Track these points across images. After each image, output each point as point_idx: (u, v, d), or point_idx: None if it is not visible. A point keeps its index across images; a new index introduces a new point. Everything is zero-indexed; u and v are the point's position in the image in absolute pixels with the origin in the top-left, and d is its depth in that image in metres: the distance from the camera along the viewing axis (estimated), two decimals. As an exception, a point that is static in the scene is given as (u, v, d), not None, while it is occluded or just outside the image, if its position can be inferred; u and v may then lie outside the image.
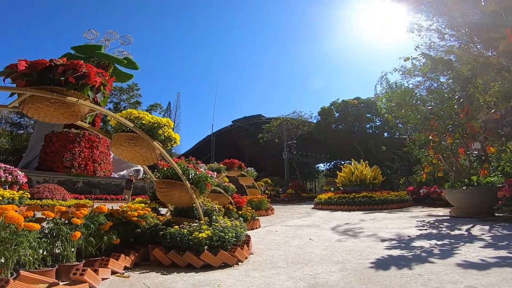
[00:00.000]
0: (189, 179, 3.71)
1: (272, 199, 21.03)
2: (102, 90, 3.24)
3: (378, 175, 13.34)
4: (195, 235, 3.33)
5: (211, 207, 4.15)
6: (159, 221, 4.22)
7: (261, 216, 9.44)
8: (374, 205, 11.27)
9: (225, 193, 6.35)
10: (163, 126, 3.48)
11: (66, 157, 17.09)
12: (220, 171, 8.35)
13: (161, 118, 3.59)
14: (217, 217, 4.07)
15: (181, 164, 3.76)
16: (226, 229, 3.57)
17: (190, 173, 3.71)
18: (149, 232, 3.68)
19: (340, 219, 8.27)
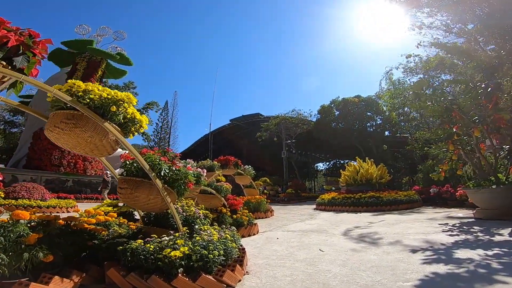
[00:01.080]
0: (161, 177, 2.68)
1: (271, 199, 19.98)
2: (27, 53, 2.27)
3: (385, 173, 12.34)
4: (165, 252, 2.31)
5: (193, 213, 3.11)
6: (129, 230, 3.20)
7: (260, 219, 8.41)
8: (382, 206, 10.26)
9: (217, 194, 5.32)
10: (121, 103, 2.46)
11: (55, 155, 16.01)
12: (213, 168, 7.33)
13: (119, 92, 2.55)
14: (202, 226, 3.04)
15: (150, 156, 2.73)
16: (211, 244, 2.54)
17: (162, 169, 2.67)
18: (105, 246, 2.65)
19: (349, 222, 7.25)
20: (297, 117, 29.62)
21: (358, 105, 28.18)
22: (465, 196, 10.02)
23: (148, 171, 2.55)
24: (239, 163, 8.26)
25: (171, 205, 2.68)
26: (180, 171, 2.83)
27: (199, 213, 3.15)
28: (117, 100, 2.41)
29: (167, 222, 2.93)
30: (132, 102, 2.63)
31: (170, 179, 2.77)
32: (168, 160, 2.88)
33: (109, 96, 2.43)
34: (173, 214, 2.71)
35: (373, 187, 11.78)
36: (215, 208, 5.61)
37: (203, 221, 3.14)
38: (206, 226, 3.00)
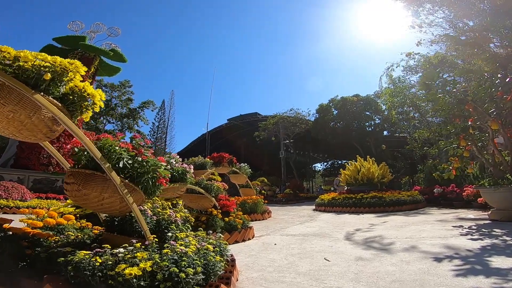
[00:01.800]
0: (119, 170, 2.01)
1: (269, 200, 19.29)
2: None
3: (387, 173, 11.71)
4: (119, 269, 1.65)
5: (167, 218, 2.43)
6: (90, 236, 2.53)
7: (256, 220, 7.74)
8: (385, 207, 9.61)
9: (206, 194, 4.64)
10: (62, 71, 1.79)
11: (43, 153, 15.21)
12: (205, 166, 6.65)
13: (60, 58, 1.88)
14: (179, 233, 2.36)
15: (106, 141, 2.06)
16: (186, 258, 1.87)
17: (120, 159, 2.00)
18: (45, 256, 1.99)
19: (352, 224, 6.59)
20: (295, 116, 28.99)
21: (357, 104, 27.60)
22: (472, 196, 9.42)
23: (100, 160, 1.88)
24: (234, 160, 7.59)
25: (134, 206, 2.01)
26: (148, 162, 2.16)
27: (175, 217, 2.47)
28: (59, 69, 1.74)
29: (131, 227, 2.26)
30: (79, 71, 1.95)
31: (133, 173, 2.10)
32: (133, 148, 2.21)
33: (45, 63, 1.75)
34: (137, 218, 2.04)
35: (375, 187, 11.14)
36: (205, 209, 4.93)
37: (181, 227, 2.47)
38: (185, 233, 2.32)
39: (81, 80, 2.08)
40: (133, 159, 2.12)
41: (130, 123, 30.98)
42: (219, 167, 7.13)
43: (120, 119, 30.77)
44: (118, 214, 2.25)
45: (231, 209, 4.93)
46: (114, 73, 21.77)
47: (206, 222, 4.69)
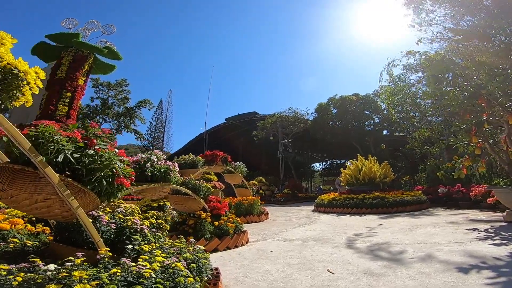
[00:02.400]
0: (59, 165, 1.50)
1: (267, 200, 18.78)
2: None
3: (389, 172, 11.22)
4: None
5: (130, 224, 1.92)
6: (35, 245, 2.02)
7: (253, 223, 7.24)
8: (388, 208, 9.12)
9: (193, 195, 4.13)
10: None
11: (35, 153, 14.72)
12: (196, 165, 6.14)
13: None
14: (145, 244, 1.85)
15: (44, 129, 1.55)
16: (144, 280, 1.37)
17: (60, 152, 1.49)
18: None
19: (356, 227, 6.09)
20: (294, 115, 28.50)
21: (356, 103, 27.13)
22: (480, 196, 8.95)
23: (30, 152, 1.37)
24: (229, 159, 7.07)
25: (80, 212, 1.50)
26: (102, 156, 1.65)
27: (141, 224, 1.96)
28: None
29: (82, 237, 1.75)
30: (4, 43, 1.44)
31: (82, 169, 1.59)
32: (82, 138, 1.71)
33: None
34: (85, 225, 1.53)
35: (377, 187, 10.64)
36: (193, 212, 4.42)
37: (150, 237, 1.95)
38: (148, 246, 1.80)
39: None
40: (82, 152, 1.61)
41: (127, 122, 30.41)
42: (213, 166, 6.62)
43: (117, 118, 30.19)
44: (63, 220, 1.74)
45: (222, 212, 4.41)
46: (109, 71, 21.09)
47: (194, 227, 4.18)
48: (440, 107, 20.62)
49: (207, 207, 4.41)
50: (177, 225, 4.48)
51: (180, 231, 4.29)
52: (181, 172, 6.07)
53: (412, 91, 20.82)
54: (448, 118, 20.11)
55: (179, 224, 4.46)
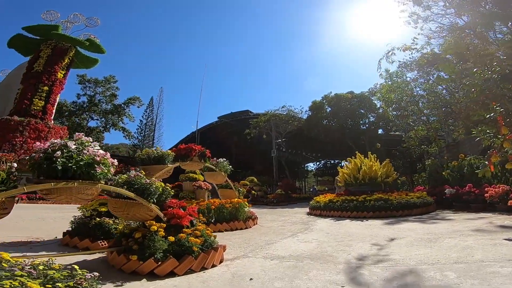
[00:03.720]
0: None
1: (259, 201, 17.51)
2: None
3: (391, 171, 10.06)
4: None
5: None
6: None
7: (237, 230, 5.97)
8: (393, 211, 7.95)
9: (139, 199, 2.86)
10: None
11: (4, 148, 13.21)
12: (162, 160, 4.86)
13: None
14: None
15: None
16: None
17: None
18: None
19: (361, 237, 4.87)
20: (288, 113, 27.31)
21: (351, 101, 26.07)
22: (497, 197, 7.83)
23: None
24: (207, 154, 5.80)
25: None
26: None
27: None
28: None
29: None
30: None
31: None
32: None
33: None
34: None
35: (378, 188, 9.47)
36: (141, 221, 3.14)
37: None
38: None
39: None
40: None
41: (114, 120, 28.89)
42: (187, 162, 5.34)
43: (104, 115, 28.67)
44: None
45: (185, 222, 3.13)
46: (92, 65, 19.74)
47: (141, 241, 2.90)
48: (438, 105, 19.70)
49: (163, 215, 3.13)
50: (122, 238, 3.20)
51: (125, 247, 3.03)
52: (144, 169, 4.80)
53: (410, 87, 19.84)
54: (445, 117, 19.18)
55: (125, 237, 3.18)
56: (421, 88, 20.06)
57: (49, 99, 16.16)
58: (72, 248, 4.02)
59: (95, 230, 3.98)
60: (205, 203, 5.71)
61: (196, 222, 3.50)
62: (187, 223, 3.16)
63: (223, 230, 5.76)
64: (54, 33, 17.42)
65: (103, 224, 3.98)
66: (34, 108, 15.48)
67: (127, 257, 2.89)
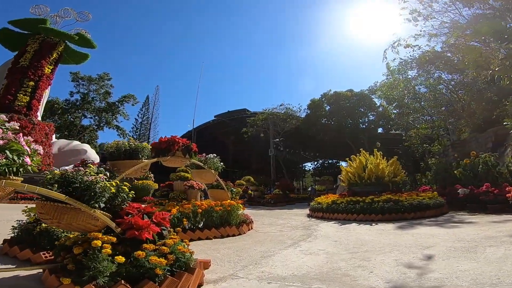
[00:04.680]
0: None
1: (255, 201, 16.59)
2: None
3: (399, 170, 9.18)
4: None
5: None
6: None
7: (229, 237, 5.04)
8: (404, 213, 7.07)
9: (77, 204, 1.94)
10: None
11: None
12: (137, 154, 3.93)
13: None
14: None
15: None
16: None
17: None
18: None
19: (379, 247, 3.95)
20: (286, 112, 26.42)
21: (351, 100, 25.26)
22: (520, 198, 6.98)
23: None
24: (193, 148, 4.86)
25: None
26: None
27: None
28: None
29: None
30: None
31: None
32: None
33: None
34: None
35: (385, 188, 8.58)
36: (84, 232, 2.21)
37: None
38: None
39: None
40: None
41: (108, 118, 27.83)
42: (168, 157, 4.42)
43: (98, 113, 27.60)
44: None
45: (145, 235, 2.20)
46: (83, 60, 18.66)
47: (79, 260, 1.96)
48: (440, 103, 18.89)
49: (115, 225, 2.19)
50: (61, 252, 2.27)
51: (61, 264, 2.10)
52: (113, 165, 3.86)
53: (412, 84, 19.05)
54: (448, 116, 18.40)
55: (66, 251, 2.25)
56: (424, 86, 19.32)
57: (35, 94, 15.13)
58: (12, 259, 3.12)
59: (40, 238, 3.07)
60: (190, 206, 4.77)
61: (167, 233, 2.57)
62: (150, 235, 2.22)
63: (212, 237, 4.83)
64: (41, 27, 16.40)
65: (49, 232, 3.06)
66: (18, 103, 14.45)
67: (59, 278, 1.98)
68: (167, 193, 11.07)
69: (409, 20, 17.00)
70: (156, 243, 2.31)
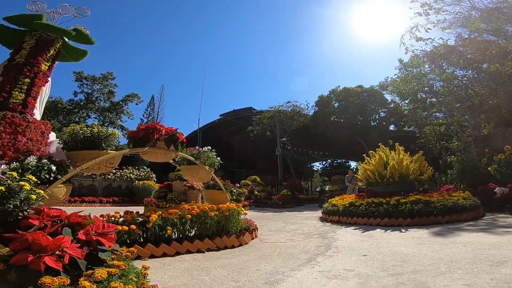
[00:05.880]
0: None
1: (262, 202, 15.51)
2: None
3: (425, 167, 7.98)
4: None
5: None
6: None
7: (227, 249, 3.99)
8: (438, 216, 5.92)
9: None
10: None
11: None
12: (99, 143, 2.93)
13: None
14: None
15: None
16: None
17: None
18: None
19: (430, 265, 2.81)
20: (293, 109, 25.27)
21: (360, 96, 23.98)
22: None
23: None
24: (180, 138, 3.79)
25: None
26: None
27: None
28: None
29: None
30: None
31: None
32: None
33: None
34: None
35: (411, 187, 7.41)
36: None
37: None
38: None
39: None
40: None
41: (112, 117, 27.17)
42: (146, 148, 3.40)
43: (102, 113, 26.96)
44: None
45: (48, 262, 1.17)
46: (81, 57, 17.80)
47: None
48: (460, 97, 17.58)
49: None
50: None
51: None
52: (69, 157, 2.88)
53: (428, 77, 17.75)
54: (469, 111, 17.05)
55: None
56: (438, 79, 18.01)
57: (31, 92, 14.32)
58: None
59: None
60: (177, 211, 3.73)
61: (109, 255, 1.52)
62: (56, 264, 1.18)
63: (205, 250, 3.79)
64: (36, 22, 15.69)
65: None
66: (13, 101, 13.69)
67: None
68: (165, 194, 10.09)
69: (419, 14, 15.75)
70: (73, 274, 1.27)
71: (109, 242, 1.61)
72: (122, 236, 3.21)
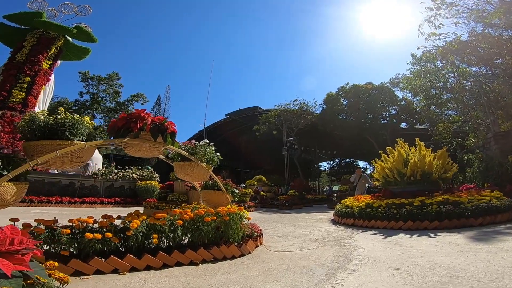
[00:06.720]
0: None
1: (268, 203, 14.80)
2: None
3: (448, 164, 7.17)
4: None
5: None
6: None
7: (225, 261, 3.32)
8: (469, 218, 5.15)
9: None
10: None
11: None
12: (63, 132, 2.28)
13: None
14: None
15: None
16: None
17: None
18: None
19: (489, 280, 2.14)
20: (300, 107, 24.49)
21: (370, 93, 23.07)
22: None
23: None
24: (171, 128, 3.14)
25: None
26: None
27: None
28: None
29: None
30: None
31: None
32: None
33: None
34: None
35: (435, 186, 6.63)
36: None
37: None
38: None
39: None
40: None
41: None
42: (126, 139, 2.77)
43: (107, 113, 26.68)
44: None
45: None
46: (84, 55, 17.55)
47: None
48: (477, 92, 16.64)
49: None
50: None
51: None
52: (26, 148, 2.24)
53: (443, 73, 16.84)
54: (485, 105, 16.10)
55: None
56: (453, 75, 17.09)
57: (31, 90, 14.02)
58: None
59: None
60: (165, 215, 3.08)
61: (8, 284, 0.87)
62: None
63: (198, 262, 3.13)
64: (36, 20, 15.32)
65: None
66: (13, 100, 13.36)
67: None
68: (165, 195, 9.47)
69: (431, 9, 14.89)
70: None
71: (16, 265, 0.99)
72: (94, 246, 2.58)
